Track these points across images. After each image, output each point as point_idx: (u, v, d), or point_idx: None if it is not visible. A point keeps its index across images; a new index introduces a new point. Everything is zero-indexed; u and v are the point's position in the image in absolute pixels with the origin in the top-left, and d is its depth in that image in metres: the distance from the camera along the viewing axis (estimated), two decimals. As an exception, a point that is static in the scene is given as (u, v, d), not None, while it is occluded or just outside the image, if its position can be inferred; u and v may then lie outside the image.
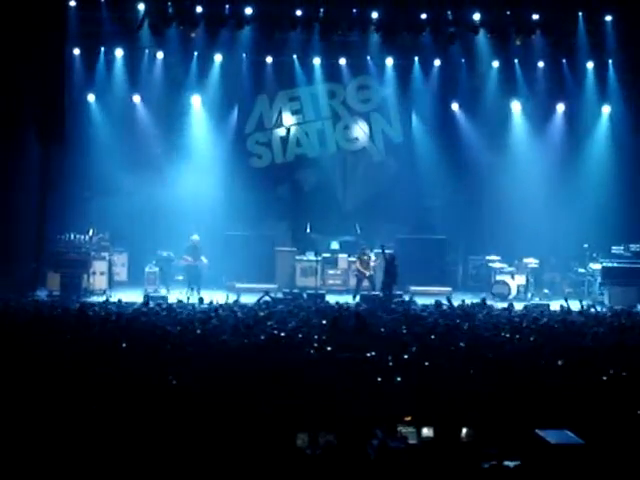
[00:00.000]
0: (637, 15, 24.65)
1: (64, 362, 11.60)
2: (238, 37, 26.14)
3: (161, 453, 8.00)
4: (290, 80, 27.72)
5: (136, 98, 27.11)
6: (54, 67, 23.38)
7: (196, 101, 27.47)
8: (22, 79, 22.78)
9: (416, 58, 27.28)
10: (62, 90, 23.67)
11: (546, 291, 25.58)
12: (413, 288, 25.37)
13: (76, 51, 25.94)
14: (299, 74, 27.54)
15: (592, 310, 20.85)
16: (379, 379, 11.15)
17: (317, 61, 27.30)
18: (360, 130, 28.35)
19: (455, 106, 27.85)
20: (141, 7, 25.13)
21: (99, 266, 24.83)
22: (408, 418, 8.87)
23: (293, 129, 28.23)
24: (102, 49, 26.30)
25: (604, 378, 11.44)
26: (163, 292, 24.20)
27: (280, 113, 28.16)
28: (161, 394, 10.12)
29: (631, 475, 7.78)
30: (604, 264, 24.72)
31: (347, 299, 23.51)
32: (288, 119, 28.23)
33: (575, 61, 26.64)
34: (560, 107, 27.45)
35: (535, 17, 25.44)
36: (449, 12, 25.44)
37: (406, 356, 12.66)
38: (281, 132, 28.22)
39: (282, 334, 14.91)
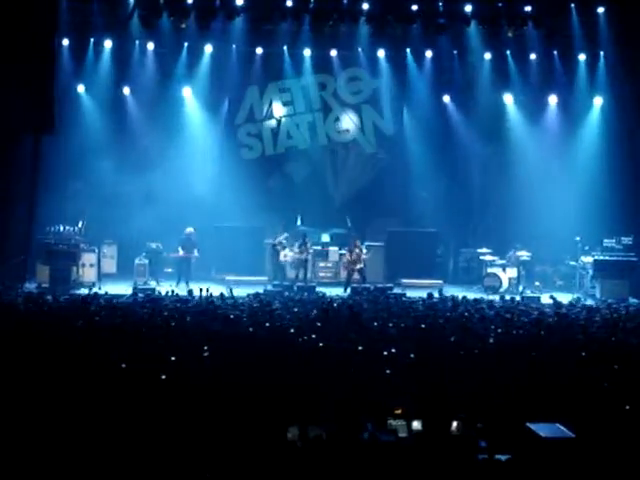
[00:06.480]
0: (629, 7, 24.60)
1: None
2: (228, 28, 26.03)
3: (155, 447, 7.99)
4: (280, 71, 27.63)
5: (126, 89, 26.95)
6: (44, 57, 23.20)
7: (187, 92, 27.34)
8: (12, 69, 22.60)
9: (407, 50, 27.18)
10: (52, 80, 23.51)
11: (537, 284, 25.55)
12: (404, 281, 25.41)
13: (65, 42, 25.73)
14: (289, 65, 27.45)
15: (581, 303, 20.84)
16: (369, 371, 11.10)
17: (307, 52, 27.20)
18: (351, 122, 28.27)
19: (446, 98, 27.79)
20: (131, -3, 24.99)
21: (88, 258, 24.74)
22: (398, 411, 8.83)
23: (284, 121, 28.17)
24: (92, 40, 26.14)
25: (596, 372, 11.39)
26: (152, 284, 24.12)
27: (270, 104, 28.10)
28: (153, 387, 10.06)
29: (621, 468, 7.77)
30: (596, 257, 24.70)
31: (338, 292, 23.45)
32: (278, 110, 28.16)
33: (567, 53, 26.56)
34: (552, 99, 27.38)
35: (527, 9, 25.39)
36: (440, 3, 25.35)
37: (394, 350, 12.59)
38: (271, 124, 28.16)
39: (269, 325, 14.87)
